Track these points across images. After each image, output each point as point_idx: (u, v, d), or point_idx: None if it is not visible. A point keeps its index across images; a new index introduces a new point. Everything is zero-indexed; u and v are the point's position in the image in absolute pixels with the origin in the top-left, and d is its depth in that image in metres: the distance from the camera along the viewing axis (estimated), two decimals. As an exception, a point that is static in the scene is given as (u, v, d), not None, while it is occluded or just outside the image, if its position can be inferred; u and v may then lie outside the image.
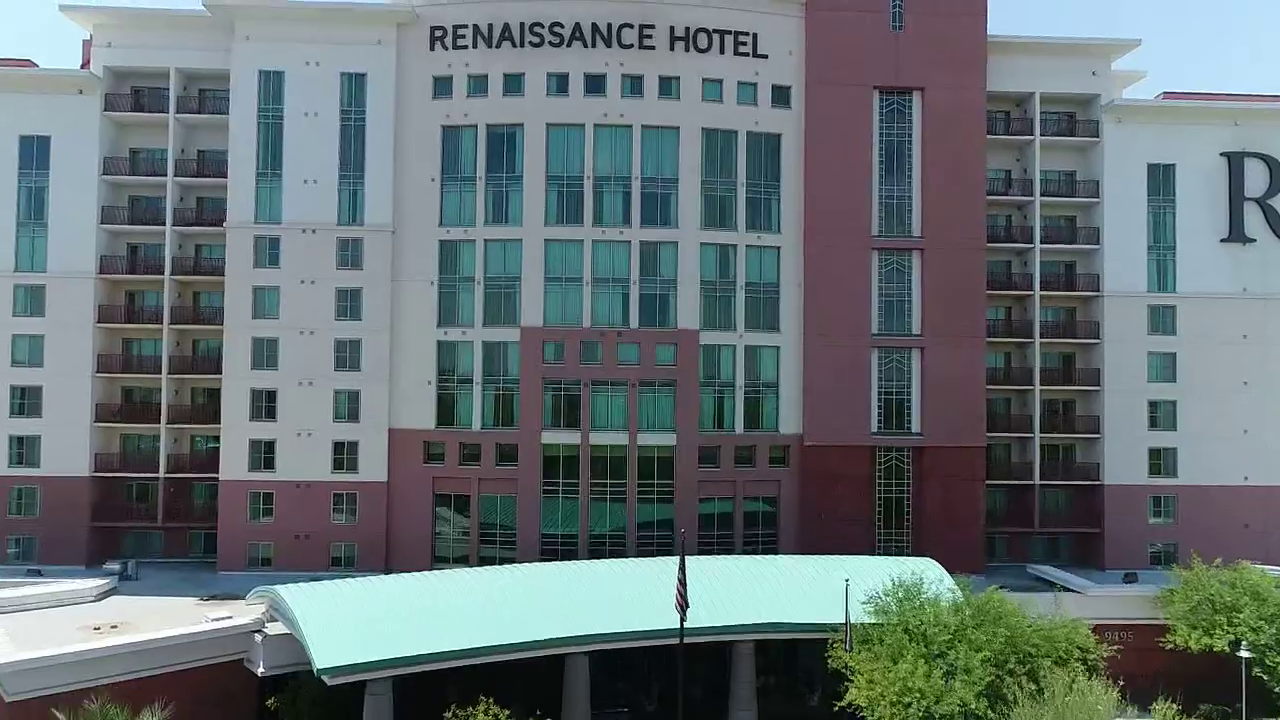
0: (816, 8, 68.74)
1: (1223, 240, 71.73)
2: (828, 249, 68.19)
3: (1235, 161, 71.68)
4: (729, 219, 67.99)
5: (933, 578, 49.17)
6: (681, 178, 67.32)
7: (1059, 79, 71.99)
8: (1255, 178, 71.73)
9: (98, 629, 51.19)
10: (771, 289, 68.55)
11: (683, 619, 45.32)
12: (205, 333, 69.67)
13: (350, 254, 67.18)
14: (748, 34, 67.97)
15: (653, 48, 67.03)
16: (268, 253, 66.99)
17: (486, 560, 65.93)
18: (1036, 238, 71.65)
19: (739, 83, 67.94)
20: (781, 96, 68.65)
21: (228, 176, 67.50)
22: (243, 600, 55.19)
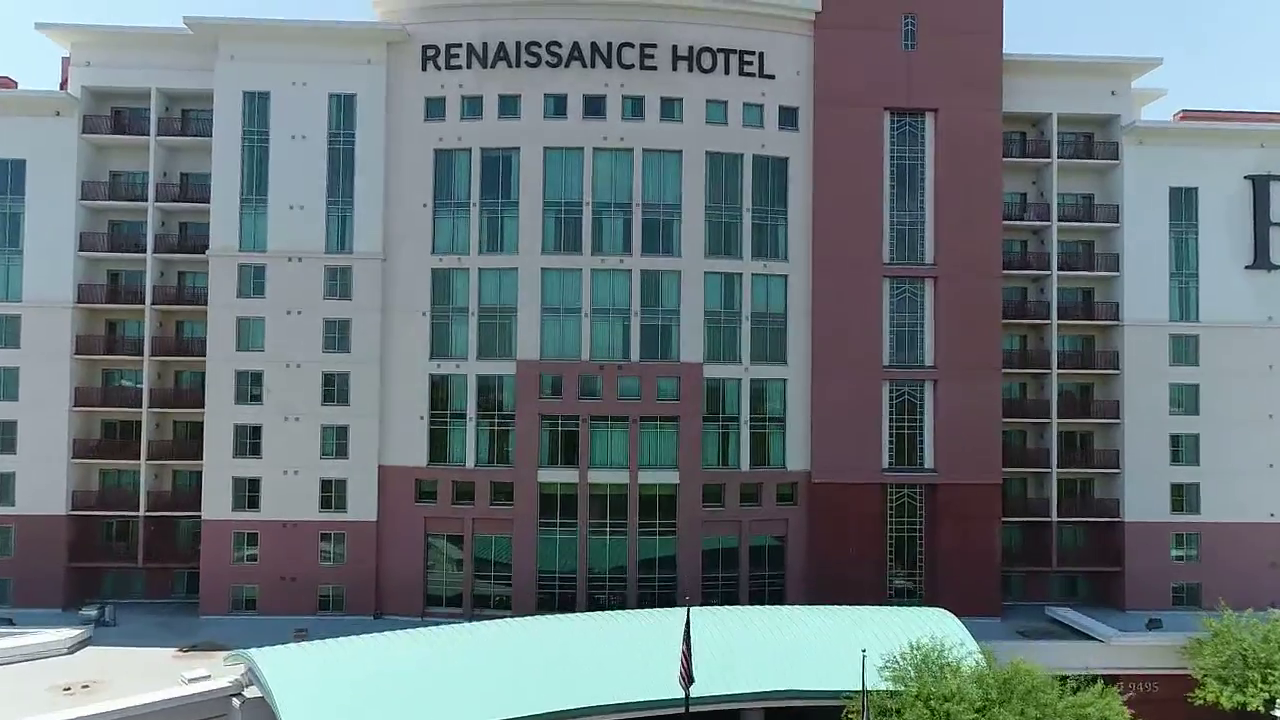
0: (825, 26, 65.92)
1: (1247, 267, 68.90)
2: (837, 277, 65.41)
3: (1260, 185, 68.84)
4: (734, 246, 65.17)
5: (952, 638, 46.34)
6: (684, 203, 64.51)
7: (1077, 99, 69.16)
8: (1281, 202, 69.08)
9: (68, 689, 48.53)
10: (778, 319, 65.74)
11: (688, 693, 42.53)
12: (188, 364, 66.84)
13: (339, 283, 64.35)
14: (754, 53, 65.15)
15: (654, 68, 64.21)
16: (252, 282, 64.15)
17: (481, 600, 63.57)
18: (1054, 264, 68.84)
19: (744, 104, 65.13)
20: (789, 118, 65.84)
21: (210, 201, 64.59)
22: (223, 653, 52.44)
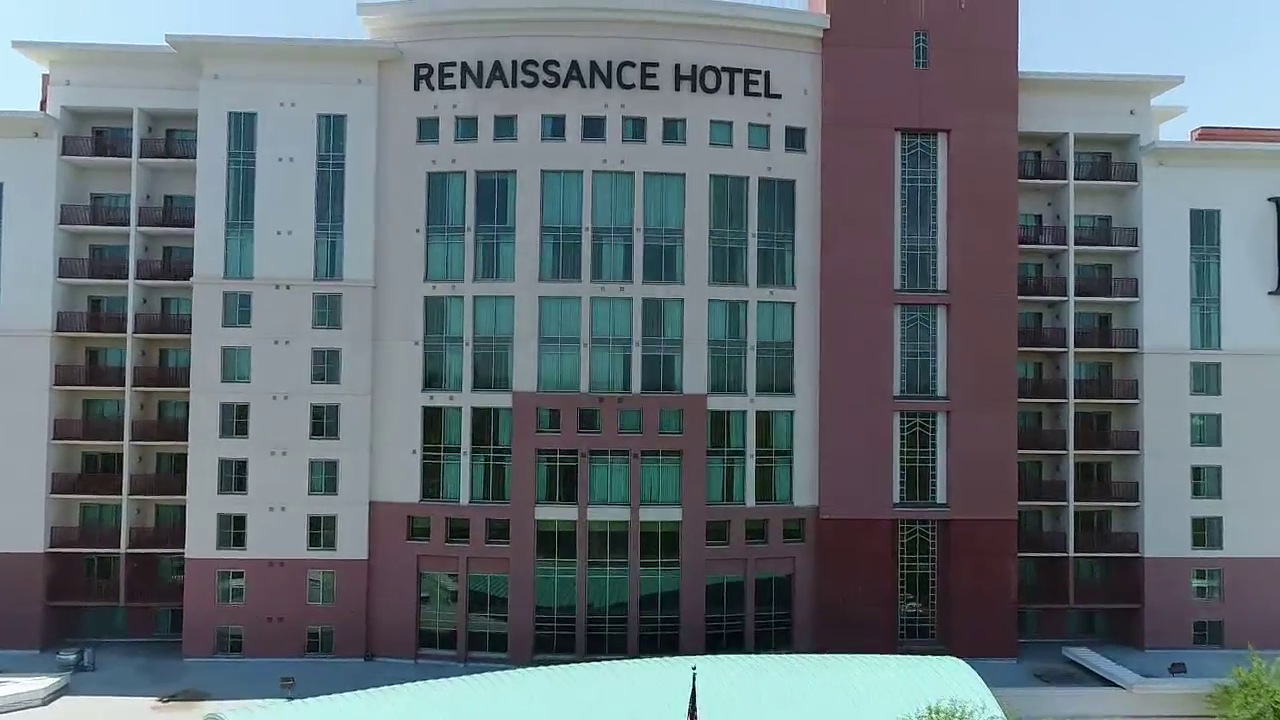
0: (834, 44, 63.43)
1: (1271, 293, 66.39)
2: (846, 304, 62.92)
3: (1285, 207, 66.48)
4: (739, 273, 62.67)
5: (972, 700, 43.75)
6: (687, 229, 62.02)
7: (1095, 119, 66.67)
8: (1307, 225, 66.54)
9: (39, 749, 45.99)
10: (785, 348, 63.24)
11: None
12: (172, 395, 64.29)
13: (328, 311, 61.86)
14: (759, 72, 62.66)
15: (656, 88, 61.71)
16: (238, 310, 61.65)
17: (476, 639, 61.17)
18: (1070, 290, 66.31)
19: (750, 125, 62.62)
20: (796, 140, 63.35)
21: (195, 226, 62.10)
22: (204, 703, 50.05)
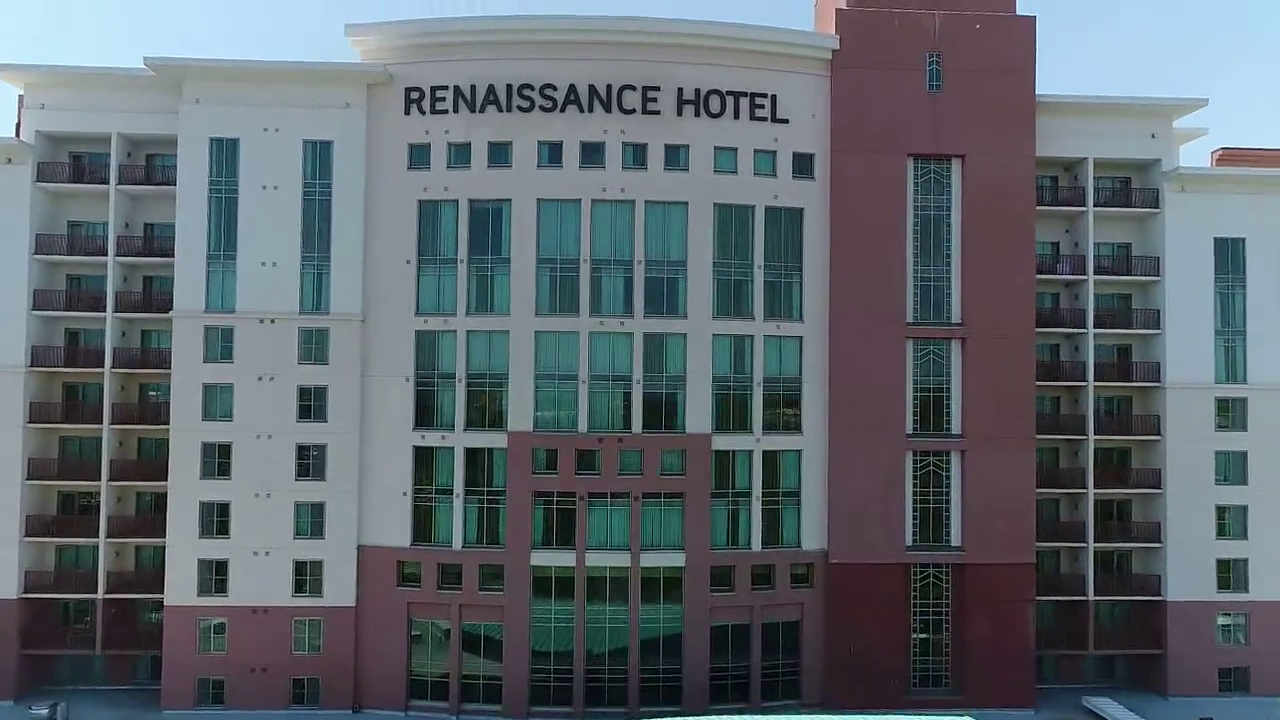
0: (843, 66, 60.70)
1: (1299, 324, 63.76)
2: (856, 338, 60.20)
3: (1313, 235, 63.75)
4: (744, 306, 59.95)
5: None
6: (690, 260, 59.28)
7: (1115, 142, 63.91)
8: (1336, 253, 63.85)
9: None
10: (793, 384, 60.50)
11: None
12: (152, 432, 61.53)
13: (314, 346, 59.13)
14: (765, 96, 59.92)
15: (658, 113, 58.97)
16: (220, 345, 58.96)
17: (469, 689, 58.44)
18: (1090, 322, 63.56)
19: (756, 151, 59.90)
20: (804, 166, 60.62)
21: (175, 257, 59.38)
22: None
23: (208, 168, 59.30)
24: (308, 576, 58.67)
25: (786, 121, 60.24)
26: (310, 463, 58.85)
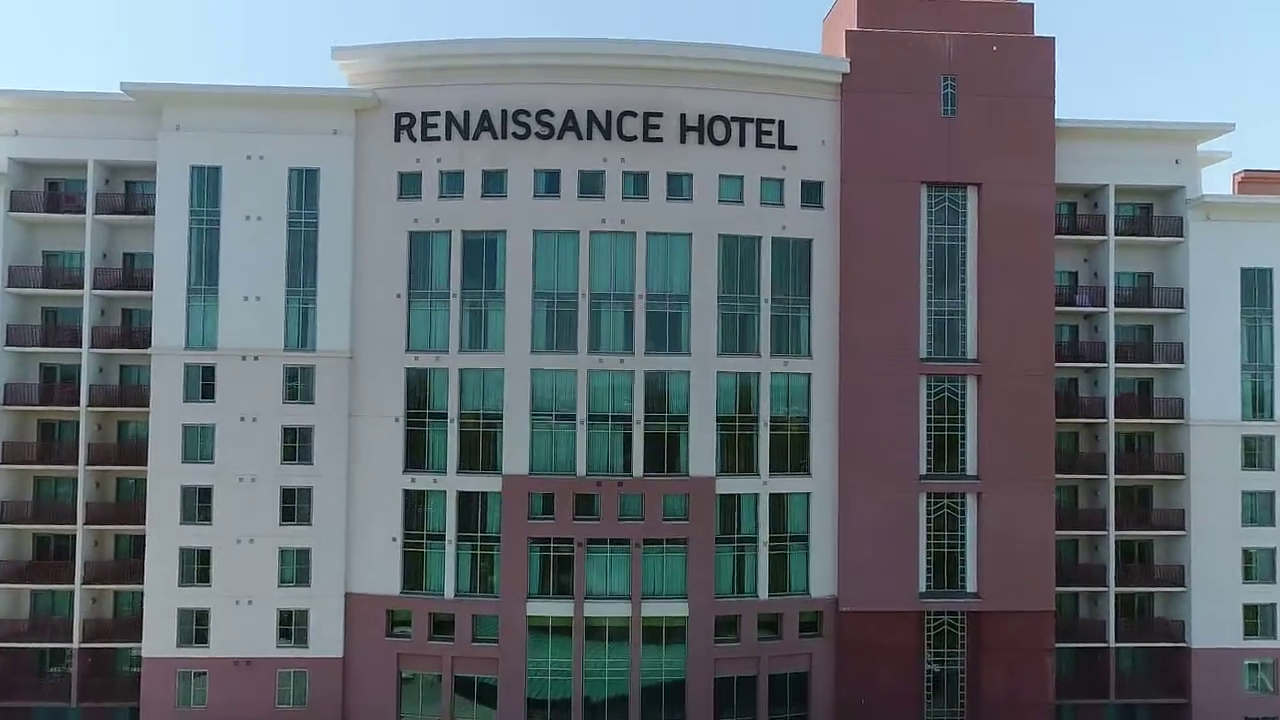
0: (854, 90, 58.03)
1: (1329, 360, 61.09)
2: (867, 375, 57.56)
3: (1344, 265, 61.06)
4: (751, 342, 57.27)
5: None
6: (694, 294, 56.61)
7: (1137, 169, 61.25)
8: (1367, 284, 61.14)
9: None
10: (801, 424, 57.83)
11: None
12: (131, 473, 58.85)
13: (300, 385, 56.47)
14: (772, 122, 57.26)
15: (660, 140, 56.31)
16: (200, 384, 56.27)
17: (463, 739, 55.68)
18: (1110, 356, 60.86)
19: (762, 179, 57.24)
20: (812, 195, 57.96)
21: (153, 290, 56.72)
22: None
23: (188, 197, 56.63)
24: (293, 626, 56.00)
25: (794, 148, 57.59)
26: (295, 507, 56.19)
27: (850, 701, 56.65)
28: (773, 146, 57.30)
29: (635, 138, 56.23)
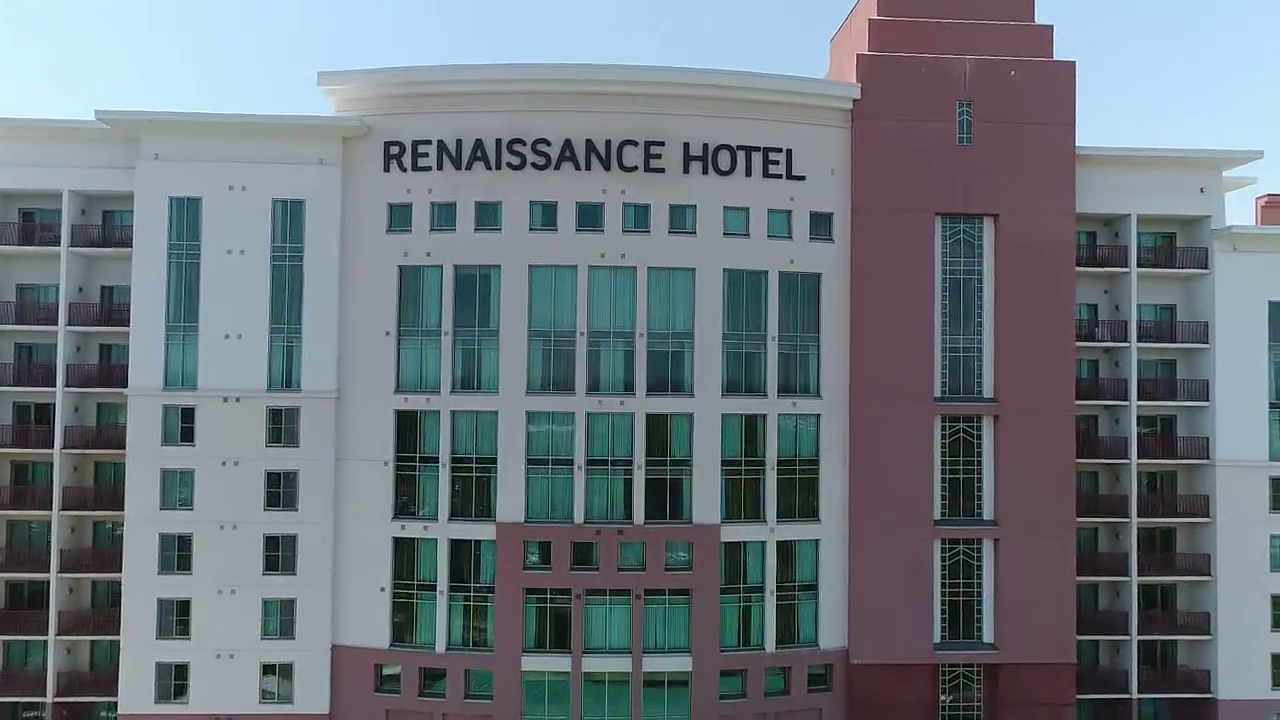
0: (865, 116, 55.42)
1: (1360, 396, 58.51)
2: (879, 415, 54.94)
3: (1376, 299, 58.47)
4: (757, 381, 54.65)
5: None
6: (698, 332, 53.98)
7: (1161, 198, 58.61)
8: (1401, 319, 58.53)
9: None
10: (810, 467, 55.21)
11: None
12: (109, 518, 56.30)
13: (284, 427, 53.86)
14: (780, 150, 54.64)
15: (662, 170, 53.71)
16: (179, 426, 53.65)
17: (455, 797, 53.02)
18: (1133, 393, 58.22)
19: (769, 211, 54.62)
20: (822, 227, 55.36)
21: (130, 327, 54.10)
22: None
23: (167, 230, 54.00)
24: (276, 681, 53.42)
25: (803, 178, 54.97)
26: (279, 555, 53.57)
27: (861, 759, 54.07)
28: (780, 176, 54.68)
29: (636, 168, 53.62)
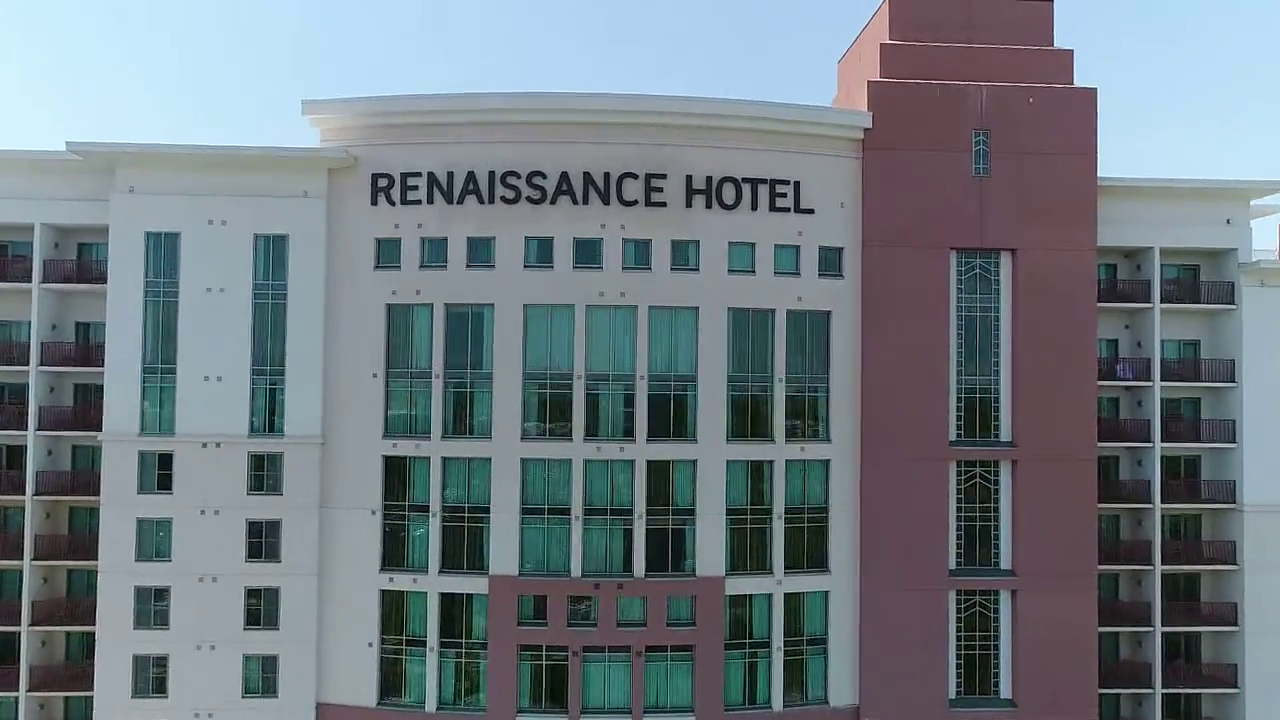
0: (877, 146, 52.82)
1: (1395, 439, 55.79)
2: (891, 461, 52.36)
3: None
4: (763, 426, 52.04)
5: None
6: (701, 374, 51.38)
7: (1185, 230, 56.00)
8: None
9: None
10: (818, 515, 52.61)
11: None
12: (85, 567, 53.63)
13: (266, 474, 51.24)
14: (787, 182, 52.04)
15: (664, 204, 51.11)
16: (156, 473, 51.04)
17: None
18: (1156, 435, 55.61)
19: (776, 246, 51.99)
20: (831, 263, 52.75)
21: (104, 369, 51.52)
22: None
23: (143, 266, 51.37)
24: (258, 741, 50.85)
25: (811, 212, 52.34)
26: (261, 609, 50.94)
27: (873, 822, 51.51)
28: (787, 210, 52.06)
29: (636, 202, 51.02)
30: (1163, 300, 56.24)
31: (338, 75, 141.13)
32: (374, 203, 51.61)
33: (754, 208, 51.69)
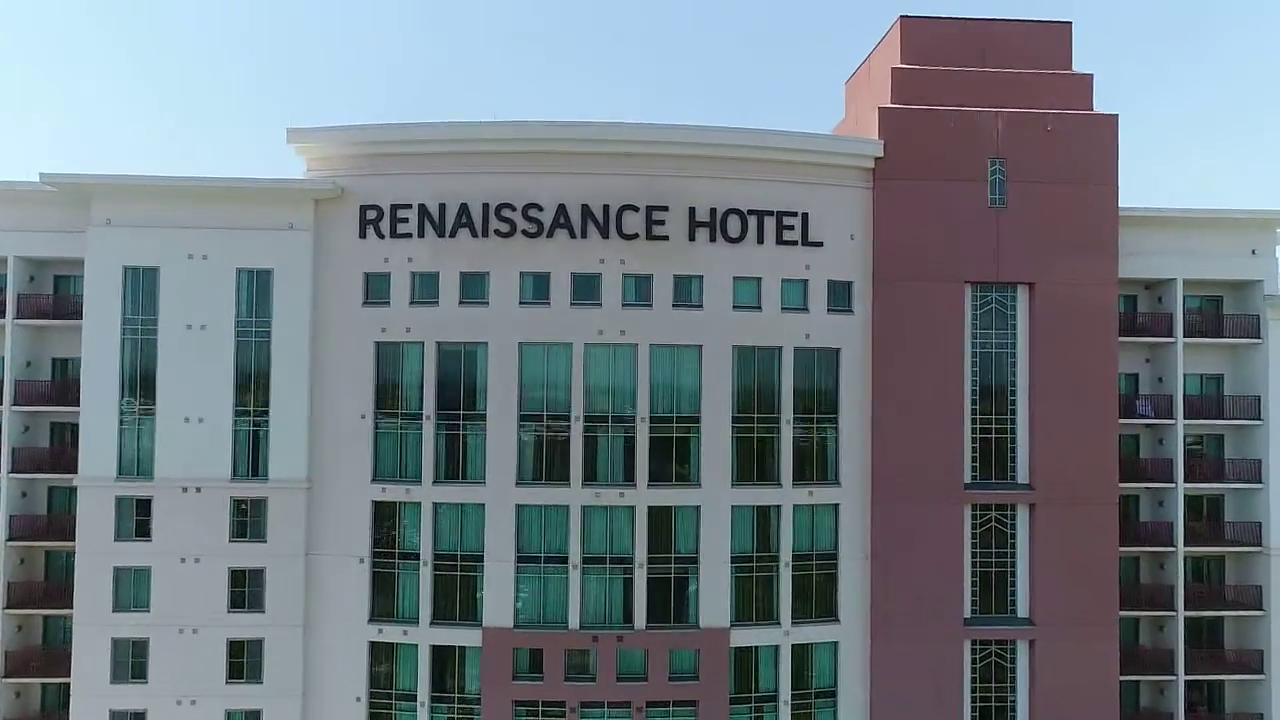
0: (888, 177, 50.60)
1: None
2: (904, 505, 50.16)
3: None
4: (770, 469, 49.82)
5: None
6: (705, 415, 49.14)
7: (1208, 261, 53.71)
8: None
9: None
10: (828, 562, 50.39)
11: None
12: (61, 615, 51.42)
13: (249, 520, 49.02)
14: (795, 214, 49.81)
15: (665, 237, 48.88)
16: (134, 519, 48.82)
17: None
18: (1179, 475, 53.40)
19: (783, 281, 49.79)
20: (840, 297, 50.51)
21: (80, 410, 49.26)
22: None
23: (120, 302, 49.14)
24: (241, 801, 48.64)
25: (820, 244, 50.11)
26: (244, 662, 48.70)
27: None
28: (795, 243, 49.83)
29: (637, 235, 48.78)
30: (1185, 334, 54.03)
31: (324, 103, 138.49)
32: (362, 235, 49.37)
33: (760, 240, 49.48)
